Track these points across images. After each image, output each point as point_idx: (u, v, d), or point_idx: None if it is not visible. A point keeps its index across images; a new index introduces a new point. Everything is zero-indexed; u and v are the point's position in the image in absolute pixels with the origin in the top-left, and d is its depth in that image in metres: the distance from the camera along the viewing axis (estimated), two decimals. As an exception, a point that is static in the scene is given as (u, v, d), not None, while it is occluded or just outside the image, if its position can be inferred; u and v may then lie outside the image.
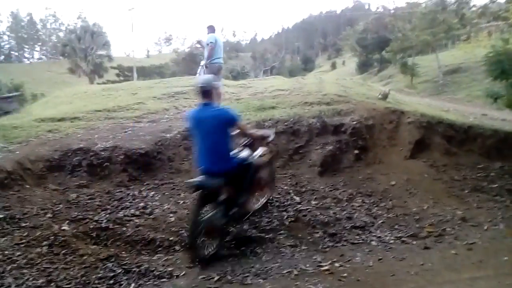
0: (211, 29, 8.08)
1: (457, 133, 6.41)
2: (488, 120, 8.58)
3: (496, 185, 5.50)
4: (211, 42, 7.70)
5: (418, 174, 5.66)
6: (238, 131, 4.08)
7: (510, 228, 4.42)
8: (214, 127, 3.81)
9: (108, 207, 4.59)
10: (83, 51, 43.40)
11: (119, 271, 3.52)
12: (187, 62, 40.54)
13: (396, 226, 4.53)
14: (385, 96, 7.91)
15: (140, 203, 4.75)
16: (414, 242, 4.17)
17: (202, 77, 4.52)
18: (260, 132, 4.62)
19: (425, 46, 35.25)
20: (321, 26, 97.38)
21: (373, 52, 48.22)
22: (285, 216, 4.67)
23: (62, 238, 3.82)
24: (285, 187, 5.27)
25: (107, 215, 4.38)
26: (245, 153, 4.27)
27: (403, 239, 4.25)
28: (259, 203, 4.63)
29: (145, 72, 46.53)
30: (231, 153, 4.00)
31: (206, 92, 3.87)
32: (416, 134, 6.23)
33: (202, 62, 8.04)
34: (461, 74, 30.44)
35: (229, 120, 3.87)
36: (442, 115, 7.19)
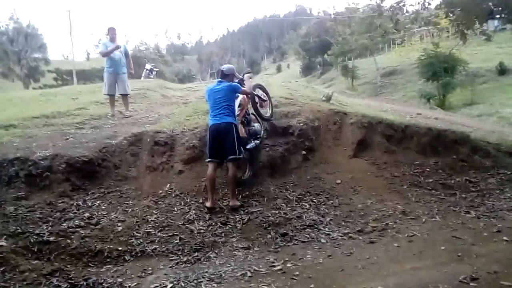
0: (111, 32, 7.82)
1: (395, 132, 6.79)
2: (422, 119, 9.17)
3: (431, 180, 5.92)
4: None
5: (362, 172, 5.93)
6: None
7: (446, 219, 4.77)
8: (225, 94, 5.14)
9: (50, 219, 4.34)
10: (16, 54, 40.59)
11: (65, 286, 3.35)
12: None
13: (343, 223, 4.73)
14: (328, 98, 8.20)
15: (85, 213, 4.54)
16: (360, 237, 4.38)
17: (226, 65, 5.84)
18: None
19: (364, 50, 37.08)
20: (266, 30, 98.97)
21: (315, 55, 49.87)
22: (237, 219, 4.71)
23: (0, 255, 3.56)
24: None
25: (49, 228, 4.15)
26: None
27: (350, 235, 4.44)
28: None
29: (86, 76, 44.31)
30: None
31: (224, 74, 5.39)
32: (358, 134, 6.53)
33: (148, 66, 7.87)
34: (397, 76, 32.34)
35: (234, 89, 5.25)
36: (382, 115, 7.59)
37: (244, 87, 5.42)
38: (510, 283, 2.96)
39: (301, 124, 6.37)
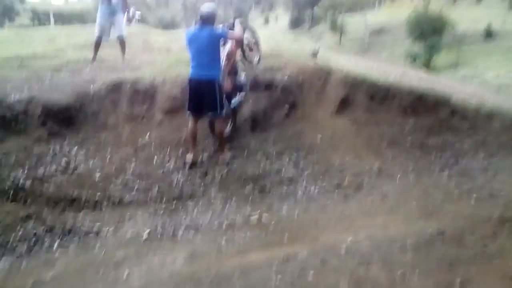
0: None
1: (378, 91, 6.76)
2: (406, 80, 9.16)
3: (409, 140, 6.01)
4: None
5: (342, 130, 5.97)
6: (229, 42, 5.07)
7: (420, 178, 4.91)
8: (208, 42, 4.60)
9: (26, 163, 4.28)
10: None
11: (41, 229, 3.37)
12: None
13: (320, 178, 4.83)
14: (315, 54, 8.06)
15: (62, 159, 4.49)
16: (336, 192, 4.50)
17: (206, 4, 4.85)
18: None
19: (354, 5, 36.26)
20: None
21: (305, 8, 48.39)
22: (216, 171, 4.74)
23: (-26, 198, 3.53)
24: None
25: (25, 172, 4.10)
26: None
27: (326, 189, 4.55)
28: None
29: (64, 18, 42.04)
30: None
31: (206, 18, 4.66)
32: (342, 92, 6.49)
33: (130, 10, 7.49)
34: (385, 35, 31.96)
35: (219, 35, 4.69)
36: (366, 74, 7.54)
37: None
38: (473, 237, 3.13)
39: (285, 78, 6.29)
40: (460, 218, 3.61)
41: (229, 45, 5.20)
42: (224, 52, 5.08)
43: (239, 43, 5.29)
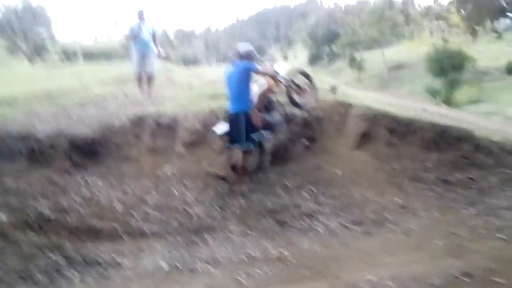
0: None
1: (399, 126, 6.74)
2: (427, 115, 9.10)
3: (432, 175, 5.88)
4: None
5: (363, 164, 5.92)
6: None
7: (444, 215, 4.77)
8: (236, 76, 4.81)
9: (50, 195, 4.38)
10: (23, 32, 40.46)
11: (63, 260, 3.39)
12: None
13: (341, 213, 4.73)
14: (334, 89, 8.14)
15: (84, 191, 4.58)
16: (357, 229, 4.39)
17: (242, 43, 5.24)
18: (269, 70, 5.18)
19: (372, 42, 36.76)
20: (275, 19, 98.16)
21: (323, 45, 49.33)
22: (236, 204, 4.73)
23: (-1, 228, 3.60)
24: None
25: (49, 203, 4.19)
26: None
27: (347, 226, 4.45)
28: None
29: (92, 56, 44.05)
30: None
31: (241, 55, 4.90)
32: (362, 126, 6.49)
33: (155, 48, 7.83)
34: (404, 70, 32.08)
35: (247, 69, 4.78)
36: (386, 108, 7.54)
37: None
38: (503, 280, 2.97)
39: (305, 112, 6.34)
40: (488, 259, 3.46)
41: (262, 81, 5.26)
42: (256, 86, 5.19)
43: (274, 81, 5.26)
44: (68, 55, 44.67)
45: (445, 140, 6.61)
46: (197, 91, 7.79)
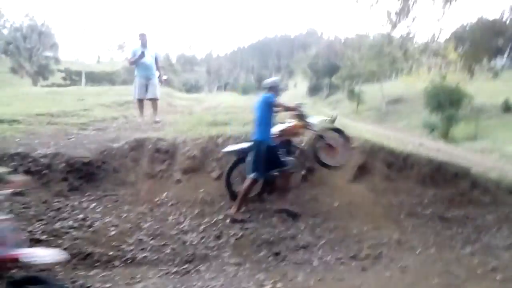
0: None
1: (396, 160, 6.77)
2: (424, 150, 9.16)
3: (429, 211, 5.87)
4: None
5: (360, 197, 5.90)
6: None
7: (440, 252, 4.72)
8: (258, 106, 5.07)
9: (44, 217, 4.33)
10: (28, 51, 41.07)
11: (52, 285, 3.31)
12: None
13: (336, 247, 4.69)
14: (333, 121, 8.20)
15: (79, 214, 4.53)
16: (353, 263, 4.34)
17: (271, 78, 5.65)
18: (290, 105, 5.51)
19: (371, 76, 37.41)
20: (276, 48, 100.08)
21: (323, 77, 50.16)
22: (231, 234, 4.68)
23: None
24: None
25: (42, 226, 4.14)
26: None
27: (343, 260, 4.40)
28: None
29: (95, 78, 44.74)
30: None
31: (267, 88, 5.21)
32: (359, 159, 6.51)
33: (156, 73, 7.93)
34: (402, 105, 32.49)
35: (266, 99, 5.03)
36: (384, 142, 7.59)
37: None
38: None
39: (303, 144, 6.37)
40: (485, 299, 3.41)
41: (288, 124, 5.57)
42: (279, 125, 5.44)
43: (301, 126, 5.60)
44: (71, 76, 45.28)
45: (442, 176, 6.62)
46: (197, 117, 7.85)
